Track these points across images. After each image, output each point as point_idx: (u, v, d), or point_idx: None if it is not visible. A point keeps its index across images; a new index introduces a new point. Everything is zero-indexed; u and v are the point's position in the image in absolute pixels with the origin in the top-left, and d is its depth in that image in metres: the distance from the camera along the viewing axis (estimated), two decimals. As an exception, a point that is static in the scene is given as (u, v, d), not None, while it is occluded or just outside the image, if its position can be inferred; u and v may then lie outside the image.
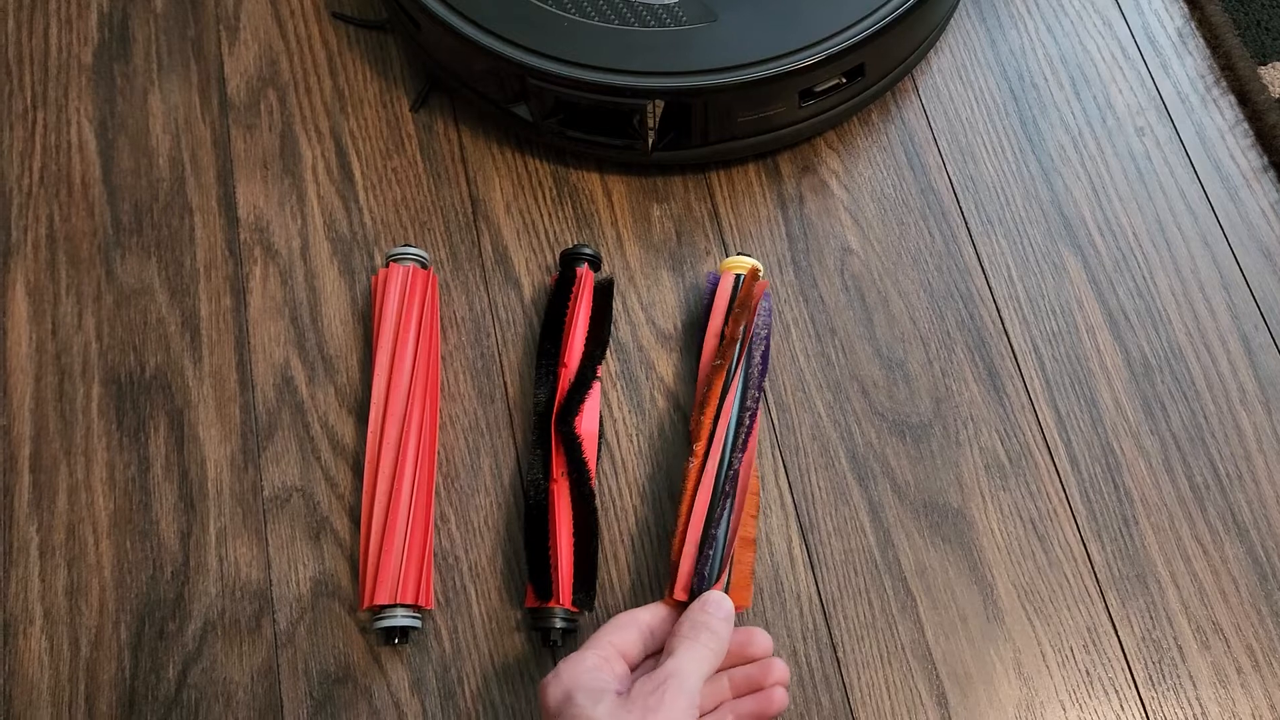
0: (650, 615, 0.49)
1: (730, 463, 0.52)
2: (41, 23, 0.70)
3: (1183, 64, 0.67)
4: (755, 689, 0.49)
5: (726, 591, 0.50)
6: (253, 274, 0.63)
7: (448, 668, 0.54)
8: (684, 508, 0.52)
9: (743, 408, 0.54)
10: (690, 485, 0.52)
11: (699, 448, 0.53)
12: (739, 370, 0.55)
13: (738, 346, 0.55)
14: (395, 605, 0.52)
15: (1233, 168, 0.64)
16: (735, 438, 0.53)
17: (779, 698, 0.49)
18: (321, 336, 0.61)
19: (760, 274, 0.59)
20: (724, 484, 0.52)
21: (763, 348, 0.57)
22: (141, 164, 0.65)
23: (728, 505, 0.52)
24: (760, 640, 0.50)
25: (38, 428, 0.59)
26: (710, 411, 0.54)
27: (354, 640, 0.55)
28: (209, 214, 0.64)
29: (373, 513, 0.54)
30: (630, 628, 0.47)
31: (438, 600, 0.55)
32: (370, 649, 0.54)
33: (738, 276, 0.58)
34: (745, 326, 0.56)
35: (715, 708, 0.49)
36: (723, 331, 0.57)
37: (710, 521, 0.51)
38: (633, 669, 0.47)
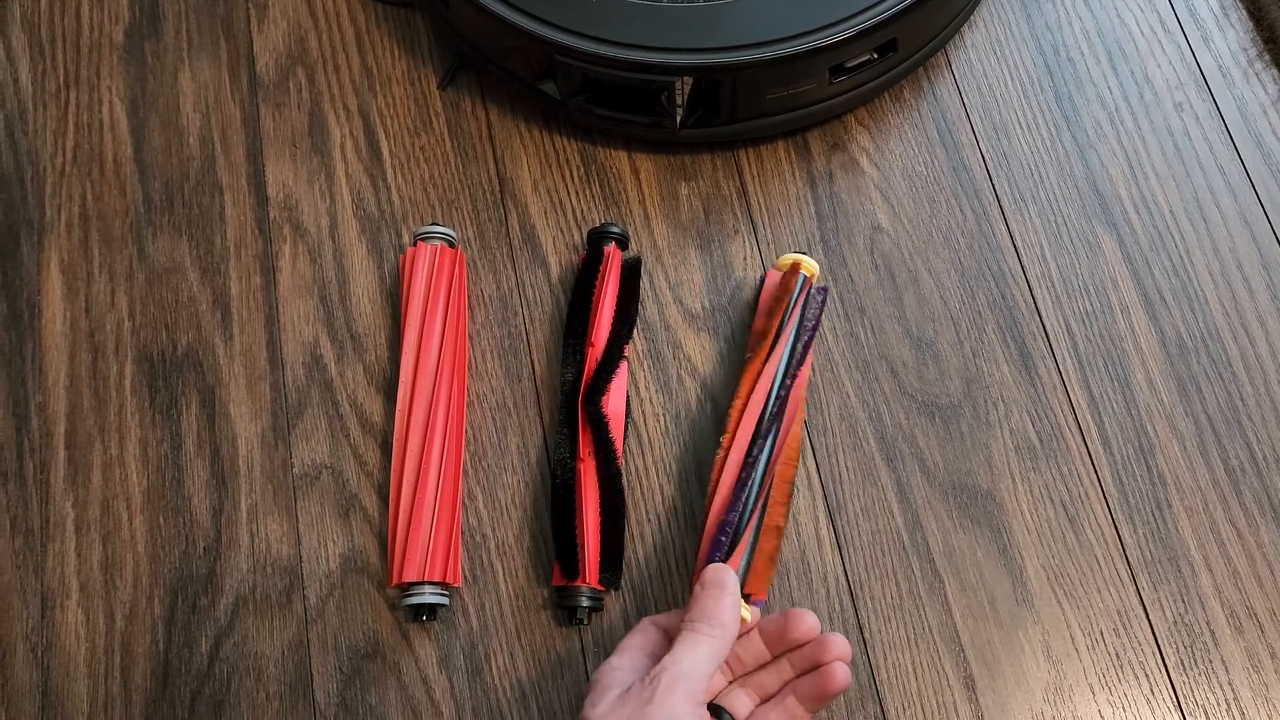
0: (669, 619, 0.48)
1: (752, 450, 0.52)
2: (74, 1, 0.70)
3: (1224, 37, 0.66)
4: (814, 666, 0.48)
5: (742, 580, 0.49)
6: (282, 252, 0.63)
7: (475, 645, 0.54)
8: (708, 500, 0.51)
9: (775, 396, 0.53)
10: (714, 475, 0.52)
11: (724, 438, 0.52)
12: (772, 361, 0.54)
13: (771, 338, 0.54)
14: (423, 582, 0.53)
15: (1274, 143, 0.63)
16: (762, 426, 0.52)
17: (840, 674, 0.47)
18: (350, 315, 0.61)
19: (805, 269, 0.57)
20: (745, 471, 0.51)
21: (806, 338, 0.55)
22: (172, 142, 0.66)
23: (749, 492, 0.51)
24: (802, 622, 0.48)
25: (72, 405, 0.60)
26: (739, 403, 0.53)
27: (383, 616, 0.55)
28: (239, 192, 0.64)
29: (401, 490, 0.54)
30: (650, 630, 0.48)
31: (465, 578, 0.56)
32: (399, 625, 0.55)
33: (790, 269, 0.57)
34: (783, 318, 0.55)
35: (778, 690, 0.48)
36: (765, 325, 0.56)
37: (729, 508, 0.50)
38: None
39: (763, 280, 0.59)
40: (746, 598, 0.49)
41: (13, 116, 0.67)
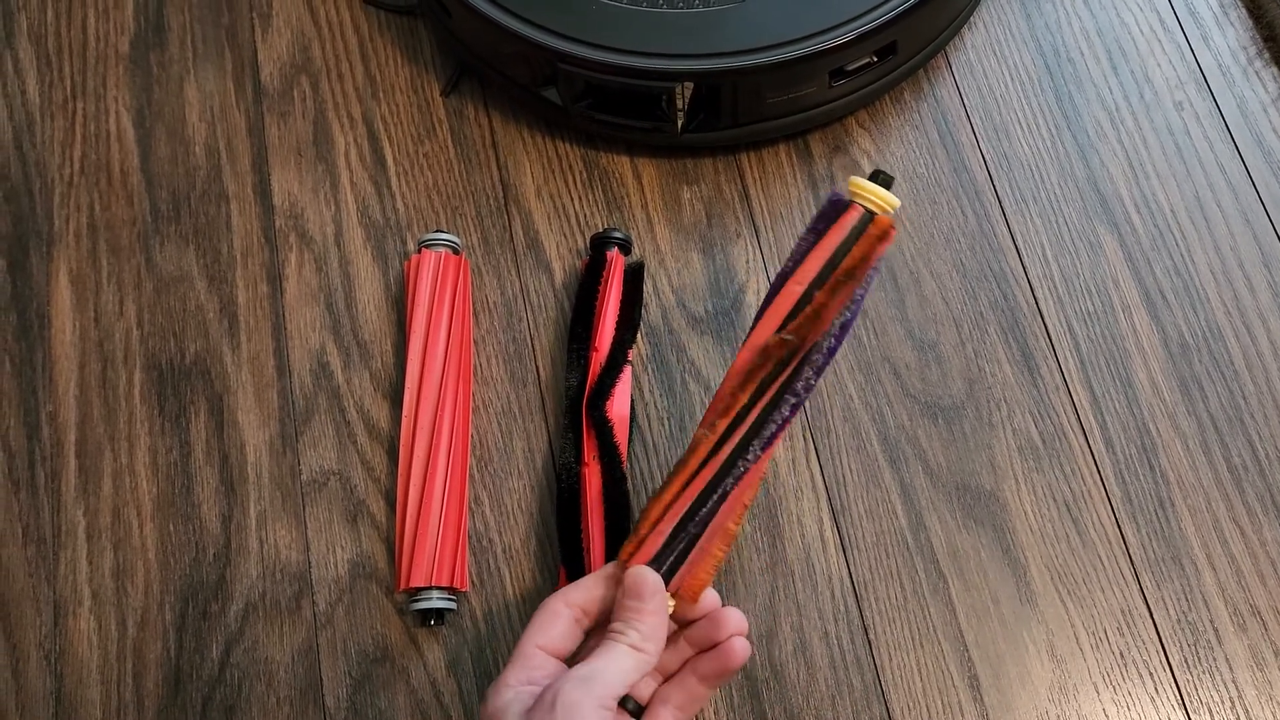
0: (582, 594, 0.44)
1: (748, 451, 0.44)
2: (80, 13, 0.71)
3: (1224, 35, 0.66)
4: (712, 644, 0.45)
5: (670, 578, 0.45)
6: (288, 260, 0.63)
7: (483, 649, 0.55)
8: (677, 481, 0.45)
9: (783, 399, 0.44)
10: (694, 461, 0.45)
11: (721, 423, 0.44)
12: (799, 354, 0.44)
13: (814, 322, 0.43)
14: (431, 588, 0.53)
15: (1275, 141, 0.63)
16: (763, 427, 0.44)
17: (739, 649, 0.44)
18: (356, 322, 0.62)
19: (889, 222, 0.43)
20: (728, 474, 0.44)
21: (841, 328, 0.44)
22: (178, 152, 0.66)
23: (719, 495, 0.45)
24: (703, 600, 0.45)
25: (82, 414, 0.60)
26: (750, 388, 0.44)
27: (391, 621, 0.56)
28: (245, 201, 0.65)
29: (408, 496, 0.55)
30: (555, 621, 0.43)
31: (472, 582, 0.56)
32: (407, 630, 0.55)
33: (864, 214, 0.43)
34: (830, 302, 0.43)
35: (679, 669, 0.45)
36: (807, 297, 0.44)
37: (694, 509, 0.44)
38: (572, 657, 0.44)
39: (830, 213, 0.44)
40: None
41: (20, 128, 0.67)
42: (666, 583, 0.44)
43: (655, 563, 0.44)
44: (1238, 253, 0.61)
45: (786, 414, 0.45)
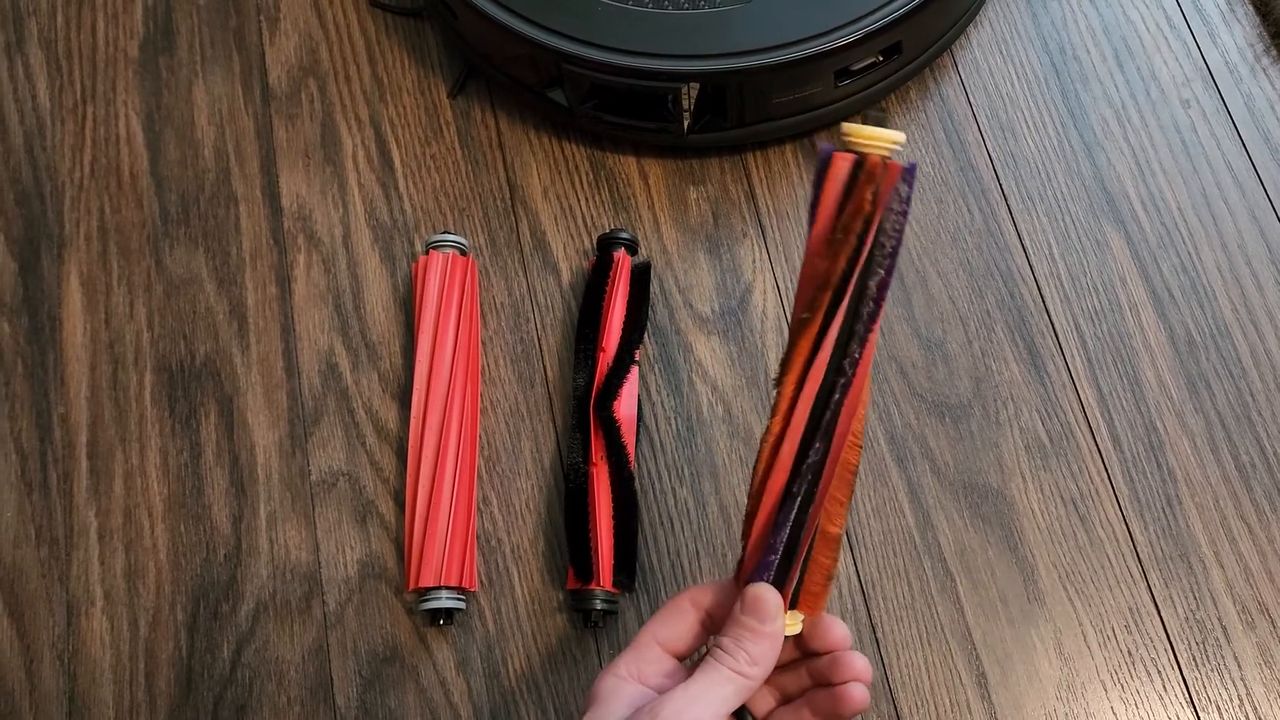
0: (712, 597, 0.42)
1: (807, 450, 0.40)
2: (89, 18, 0.71)
3: (1231, 33, 0.66)
4: (829, 683, 0.42)
5: (795, 597, 0.41)
6: (297, 262, 0.64)
7: (492, 648, 0.55)
8: (752, 495, 0.41)
9: (836, 370, 0.39)
10: (761, 466, 0.41)
11: (774, 422, 0.40)
12: (837, 318, 0.38)
13: (833, 288, 0.38)
14: (440, 587, 0.53)
15: (1283, 139, 0.63)
16: (823, 414, 0.39)
17: (856, 696, 0.41)
18: (364, 323, 0.62)
19: (889, 154, 0.37)
20: (796, 482, 0.40)
21: (882, 273, 0.38)
22: (187, 155, 0.67)
23: (799, 503, 0.40)
24: (830, 632, 0.42)
25: (94, 415, 0.61)
26: (791, 376, 0.39)
27: (401, 621, 0.56)
28: (253, 204, 0.65)
29: (417, 496, 0.55)
30: (679, 618, 0.42)
31: (481, 582, 0.56)
32: (417, 629, 0.56)
33: (858, 162, 0.37)
34: (855, 249, 0.37)
35: (797, 695, 0.43)
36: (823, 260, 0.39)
37: (776, 526, 0.40)
38: (684, 657, 0.42)
39: (822, 169, 0.38)
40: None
41: (31, 132, 0.68)
42: (783, 589, 0.41)
43: (771, 542, 0.40)
44: (1245, 250, 0.61)
45: (839, 389, 0.39)
